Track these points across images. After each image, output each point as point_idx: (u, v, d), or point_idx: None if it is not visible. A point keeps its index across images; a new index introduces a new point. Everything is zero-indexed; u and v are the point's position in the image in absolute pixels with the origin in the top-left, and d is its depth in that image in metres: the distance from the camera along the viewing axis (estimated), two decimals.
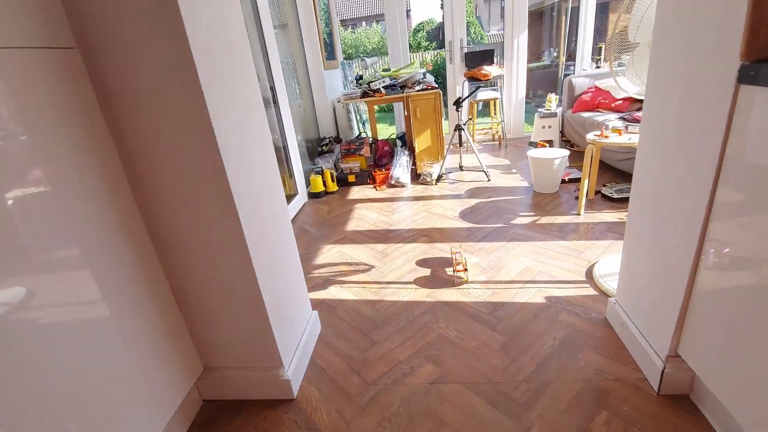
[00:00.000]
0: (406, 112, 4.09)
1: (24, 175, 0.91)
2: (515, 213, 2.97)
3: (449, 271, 2.29)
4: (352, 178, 4.07)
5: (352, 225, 3.12)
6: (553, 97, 5.00)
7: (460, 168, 3.93)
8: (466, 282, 2.14)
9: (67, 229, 0.99)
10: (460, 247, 2.54)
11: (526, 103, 5.36)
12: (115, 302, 1.12)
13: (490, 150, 4.88)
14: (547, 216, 2.85)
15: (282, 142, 3.37)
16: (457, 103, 3.66)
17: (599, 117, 3.64)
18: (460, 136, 3.76)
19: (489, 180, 3.71)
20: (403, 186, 3.85)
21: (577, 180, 3.37)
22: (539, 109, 4.72)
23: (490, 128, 5.47)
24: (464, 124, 3.72)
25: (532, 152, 3.29)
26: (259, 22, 2.97)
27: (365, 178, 4.06)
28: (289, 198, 3.45)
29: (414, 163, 3.99)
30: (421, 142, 3.88)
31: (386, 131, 7.17)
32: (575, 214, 2.82)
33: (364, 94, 4.03)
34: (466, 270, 2.19)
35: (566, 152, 3.16)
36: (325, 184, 3.91)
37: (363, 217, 3.24)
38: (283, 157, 3.42)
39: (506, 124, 5.08)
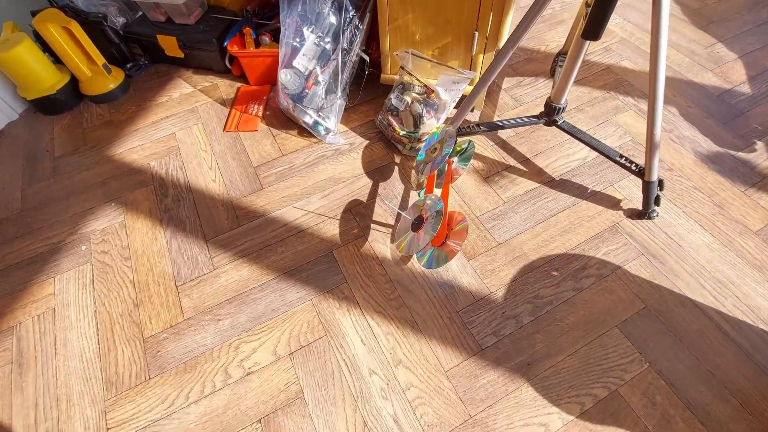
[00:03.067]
0: None
1: None
2: None
3: None
4: (169, 47, 1.21)
5: None
6: None
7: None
8: None
9: None
10: None
11: None
12: None
13: None
14: None
15: None
16: None
17: None
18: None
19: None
20: (314, 139, 1.07)
21: None
22: None
23: None
24: None
25: None
26: None
27: (216, 55, 1.20)
28: None
29: (375, 52, 1.02)
30: None
31: None
32: None
33: None
34: None
35: None
36: (71, 74, 1.15)
37: None
38: None
39: None
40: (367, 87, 1.15)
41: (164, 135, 1.11)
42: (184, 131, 1.11)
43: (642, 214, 0.87)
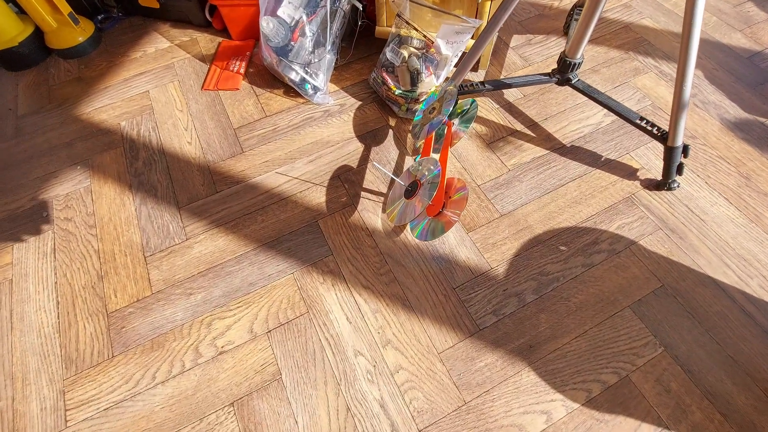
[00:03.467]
0: None
1: None
2: None
3: None
4: None
5: None
6: None
7: None
8: None
9: None
10: None
11: None
12: None
13: None
14: None
15: None
16: None
17: None
18: None
19: None
20: (301, 99, 0.97)
21: None
22: None
23: None
24: None
25: None
26: None
27: (194, 5, 1.08)
28: None
29: (370, 5, 0.92)
30: None
31: None
32: None
33: None
34: None
35: None
36: (35, 25, 1.04)
37: None
38: None
39: None
40: (361, 43, 1.05)
41: (137, 93, 1.01)
42: (159, 89, 1.01)
43: (661, 184, 0.78)
